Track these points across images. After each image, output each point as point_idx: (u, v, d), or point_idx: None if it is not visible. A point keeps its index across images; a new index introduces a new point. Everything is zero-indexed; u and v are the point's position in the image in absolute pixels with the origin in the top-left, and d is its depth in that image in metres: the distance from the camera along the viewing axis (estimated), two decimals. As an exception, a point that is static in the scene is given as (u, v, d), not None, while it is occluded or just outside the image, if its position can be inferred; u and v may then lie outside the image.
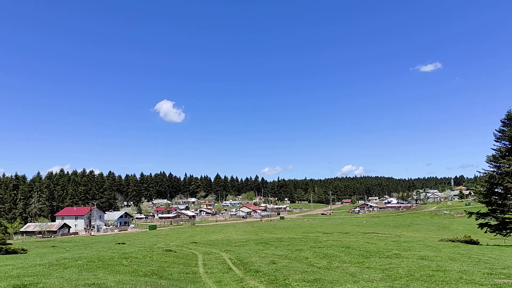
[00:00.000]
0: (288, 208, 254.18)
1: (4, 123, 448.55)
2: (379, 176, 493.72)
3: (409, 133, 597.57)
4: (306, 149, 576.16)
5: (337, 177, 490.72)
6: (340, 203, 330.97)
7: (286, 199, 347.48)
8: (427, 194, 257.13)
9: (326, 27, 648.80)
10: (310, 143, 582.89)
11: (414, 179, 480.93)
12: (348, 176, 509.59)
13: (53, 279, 14.17)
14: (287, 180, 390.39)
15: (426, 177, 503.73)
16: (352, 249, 30.42)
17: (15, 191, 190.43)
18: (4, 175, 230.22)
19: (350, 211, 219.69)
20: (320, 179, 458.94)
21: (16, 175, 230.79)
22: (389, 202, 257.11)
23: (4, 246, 43.64)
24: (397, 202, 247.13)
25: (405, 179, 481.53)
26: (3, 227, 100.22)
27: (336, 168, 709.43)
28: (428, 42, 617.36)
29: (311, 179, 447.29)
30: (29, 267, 19.31)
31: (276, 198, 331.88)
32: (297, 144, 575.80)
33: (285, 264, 21.92)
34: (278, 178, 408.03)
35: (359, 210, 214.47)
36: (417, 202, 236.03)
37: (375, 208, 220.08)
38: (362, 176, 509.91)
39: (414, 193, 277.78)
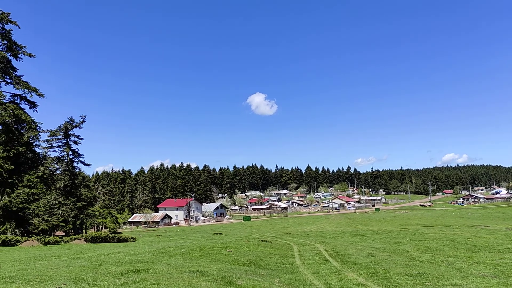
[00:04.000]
0: (383, 200, 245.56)
1: (112, 120, 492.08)
2: (486, 165, 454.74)
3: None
4: (402, 138, 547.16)
5: (436, 167, 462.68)
6: (441, 194, 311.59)
7: (380, 190, 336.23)
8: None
9: None
10: (406, 131, 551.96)
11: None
12: (449, 165, 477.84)
13: (161, 265, 15.18)
14: (381, 170, 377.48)
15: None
16: (457, 243, 28.47)
17: (122, 185, 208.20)
18: (112, 170, 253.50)
19: (453, 202, 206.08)
20: (418, 169, 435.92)
21: (123, 170, 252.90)
22: (497, 193, 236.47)
23: (116, 235, 47.90)
24: (507, 193, 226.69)
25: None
26: (114, 218, 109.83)
27: (436, 157, 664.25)
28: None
29: (408, 169, 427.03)
30: (139, 254, 20.91)
31: (370, 190, 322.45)
32: (392, 132, 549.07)
33: (384, 257, 21.18)
34: (372, 168, 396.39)
35: (462, 202, 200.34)
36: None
37: (481, 199, 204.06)
38: (465, 165, 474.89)
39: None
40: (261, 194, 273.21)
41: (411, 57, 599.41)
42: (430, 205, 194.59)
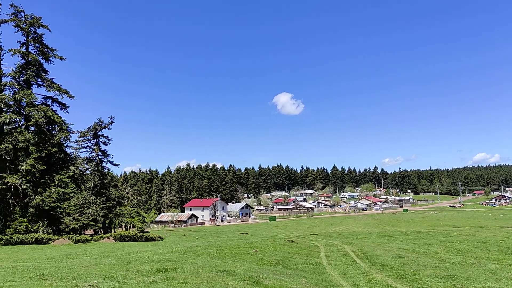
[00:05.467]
0: (411, 200, 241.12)
1: (140, 121, 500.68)
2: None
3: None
4: (431, 137, 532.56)
5: (467, 167, 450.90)
6: (471, 194, 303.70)
7: (409, 190, 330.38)
8: None
9: None
10: (436, 130, 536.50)
11: None
12: (480, 165, 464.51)
13: (188, 264, 15.34)
14: (409, 170, 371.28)
15: None
16: (490, 245, 27.67)
17: (149, 185, 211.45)
18: (140, 170, 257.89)
19: (484, 203, 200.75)
20: (447, 169, 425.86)
21: (150, 170, 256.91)
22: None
23: (144, 234, 48.73)
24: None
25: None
26: (141, 217, 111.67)
27: (467, 157, 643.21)
28: None
29: (437, 169, 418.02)
30: (167, 253, 21.20)
31: (397, 190, 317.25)
32: (421, 131, 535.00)
33: (413, 258, 20.78)
34: (400, 168, 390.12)
35: (494, 202, 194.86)
36: None
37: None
38: (497, 164, 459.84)
39: None
40: (287, 194, 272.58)
41: (437, 55, 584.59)
42: (460, 206, 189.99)
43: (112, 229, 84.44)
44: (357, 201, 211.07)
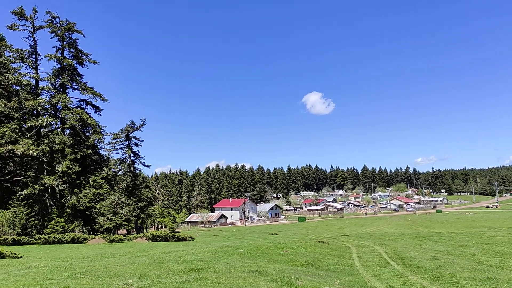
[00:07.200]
0: (445, 201, 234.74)
1: (170, 118, 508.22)
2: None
3: None
4: (466, 135, 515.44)
5: (504, 166, 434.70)
6: (508, 194, 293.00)
7: (442, 191, 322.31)
8: None
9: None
10: (471, 128, 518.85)
11: None
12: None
13: (220, 264, 15.45)
14: (442, 170, 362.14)
15: None
16: (530, 247, 26.61)
17: (179, 185, 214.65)
18: (170, 171, 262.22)
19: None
20: (483, 169, 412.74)
21: (180, 171, 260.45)
22: None
23: (175, 234, 49.44)
24: None
25: None
26: (172, 217, 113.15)
27: (503, 156, 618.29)
28: None
29: (472, 168, 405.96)
30: (198, 253, 21.41)
31: (430, 190, 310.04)
32: (456, 129, 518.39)
33: (449, 260, 20.23)
34: (433, 168, 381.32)
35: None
36: None
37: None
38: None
39: None
40: (316, 194, 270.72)
41: (472, 48, 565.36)
42: (497, 207, 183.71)
43: (144, 229, 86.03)
44: (388, 202, 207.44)
